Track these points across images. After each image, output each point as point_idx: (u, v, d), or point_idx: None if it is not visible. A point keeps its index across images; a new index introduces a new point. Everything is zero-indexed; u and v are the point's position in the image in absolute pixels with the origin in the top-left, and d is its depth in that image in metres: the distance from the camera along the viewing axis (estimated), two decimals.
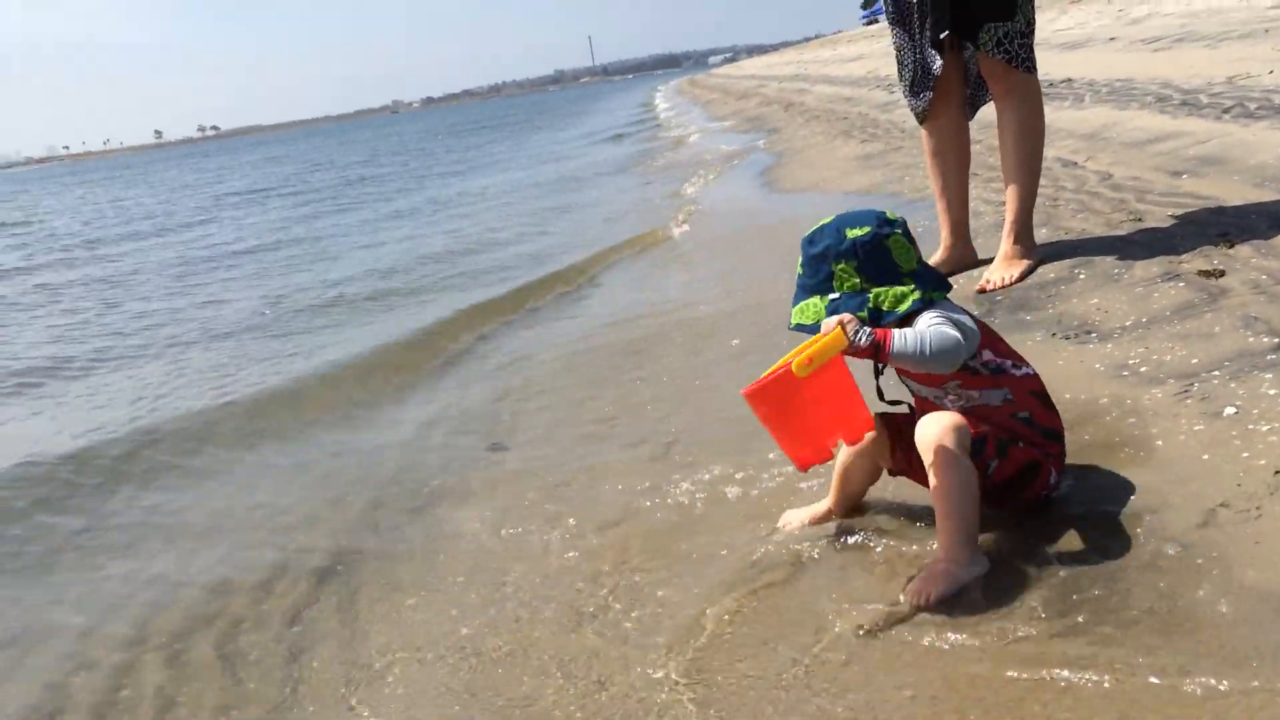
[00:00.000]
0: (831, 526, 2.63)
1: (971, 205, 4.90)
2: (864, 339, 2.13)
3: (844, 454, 2.58)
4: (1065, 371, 3.16)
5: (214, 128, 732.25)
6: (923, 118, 4.48)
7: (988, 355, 2.32)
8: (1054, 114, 8.31)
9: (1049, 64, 11.68)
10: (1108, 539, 2.21)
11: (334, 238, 13.19)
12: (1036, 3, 4.18)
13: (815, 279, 2.32)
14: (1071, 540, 2.27)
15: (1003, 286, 4.17)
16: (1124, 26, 14.27)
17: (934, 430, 2.21)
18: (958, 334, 2.17)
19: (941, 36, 4.12)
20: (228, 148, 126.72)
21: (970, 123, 4.59)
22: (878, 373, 2.36)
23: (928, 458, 2.21)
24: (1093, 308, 3.63)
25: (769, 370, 2.15)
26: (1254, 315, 3.10)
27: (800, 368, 2.07)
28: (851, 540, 2.54)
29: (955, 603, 2.13)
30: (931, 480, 2.22)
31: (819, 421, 2.12)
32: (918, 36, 4.25)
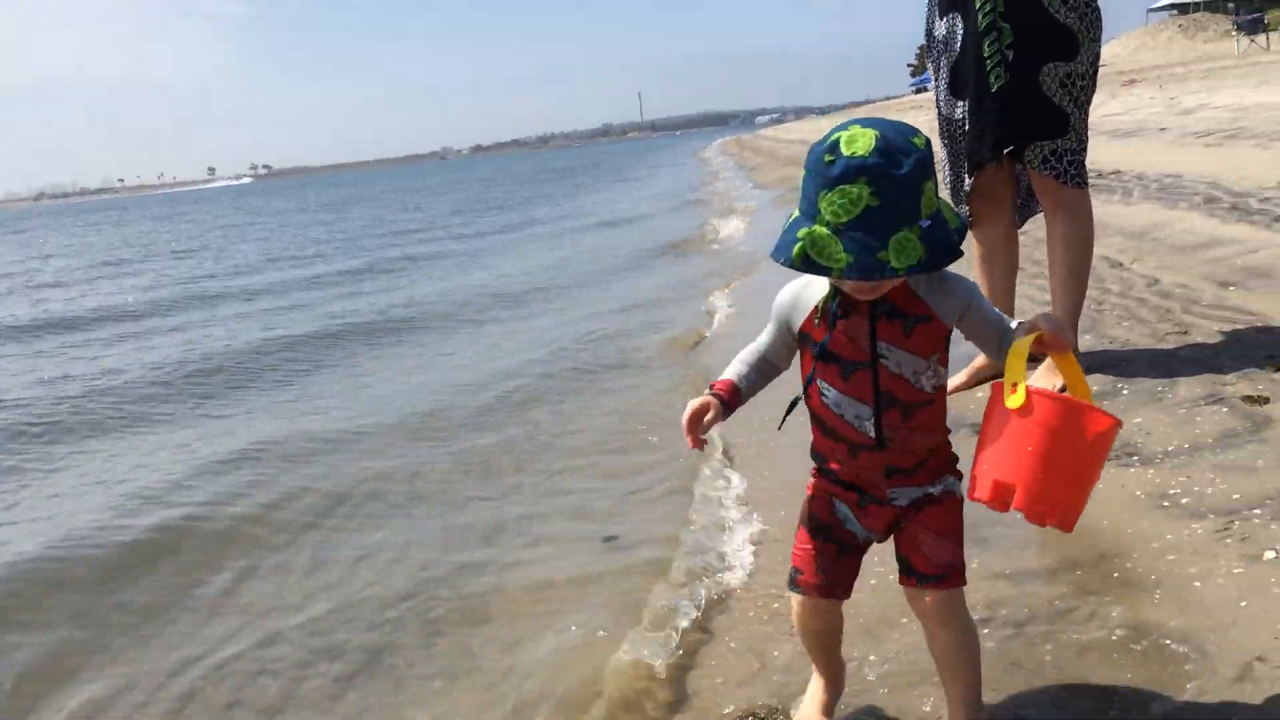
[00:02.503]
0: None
1: (1018, 304, 4.98)
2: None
3: (803, 622, 2.24)
4: (1104, 495, 3.17)
5: (265, 166, 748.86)
6: (969, 225, 4.56)
7: None
8: (1102, 208, 8.34)
9: (1098, 153, 11.76)
10: (1142, 684, 2.24)
11: None
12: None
13: (903, 207, 1.82)
14: (1107, 676, 2.30)
15: None
16: (1175, 116, 14.30)
17: (929, 595, 2.06)
18: None
19: (981, 162, 4.24)
20: (300, 185, 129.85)
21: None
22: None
23: (928, 622, 2.10)
24: (1135, 428, 3.65)
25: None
26: None
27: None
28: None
29: None
30: (943, 634, 2.10)
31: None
32: (959, 154, 4.36)
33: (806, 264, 1.86)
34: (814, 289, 2.06)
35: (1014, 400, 1.89)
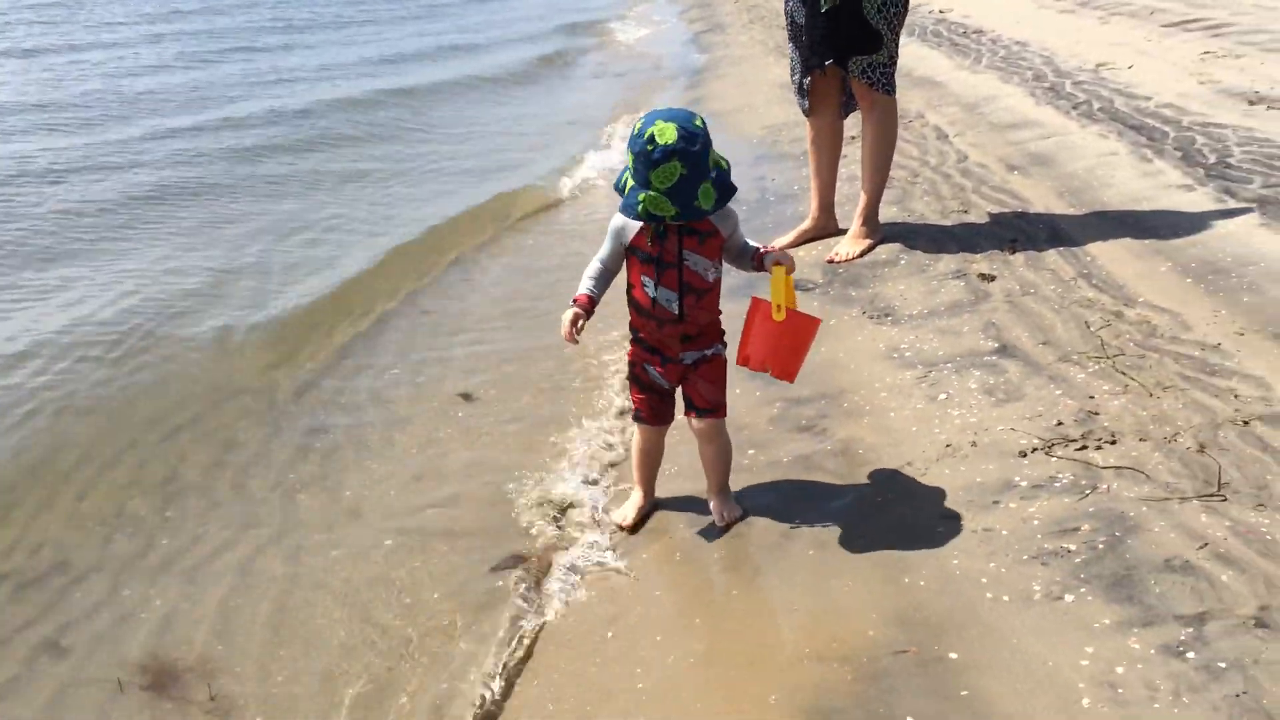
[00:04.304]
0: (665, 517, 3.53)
1: (843, 172, 6.11)
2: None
3: (642, 445, 3.41)
4: (859, 347, 4.41)
5: None
6: (807, 113, 5.61)
7: None
8: (953, 73, 9.48)
9: (977, 6, 12.64)
10: (833, 478, 3.51)
11: None
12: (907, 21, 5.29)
13: (700, 170, 2.86)
14: (815, 473, 3.56)
15: (846, 260, 5.39)
16: None
17: (703, 422, 3.26)
18: None
19: (811, 67, 5.25)
20: None
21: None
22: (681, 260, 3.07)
23: (701, 440, 3.31)
24: (898, 294, 4.86)
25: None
26: (993, 322, 4.35)
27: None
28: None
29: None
30: (709, 448, 3.32)
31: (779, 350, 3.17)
32: (802, 56, 5.35)
33: (648, 215, 2.90)
34: None
35: (779, 316, 3.12)
